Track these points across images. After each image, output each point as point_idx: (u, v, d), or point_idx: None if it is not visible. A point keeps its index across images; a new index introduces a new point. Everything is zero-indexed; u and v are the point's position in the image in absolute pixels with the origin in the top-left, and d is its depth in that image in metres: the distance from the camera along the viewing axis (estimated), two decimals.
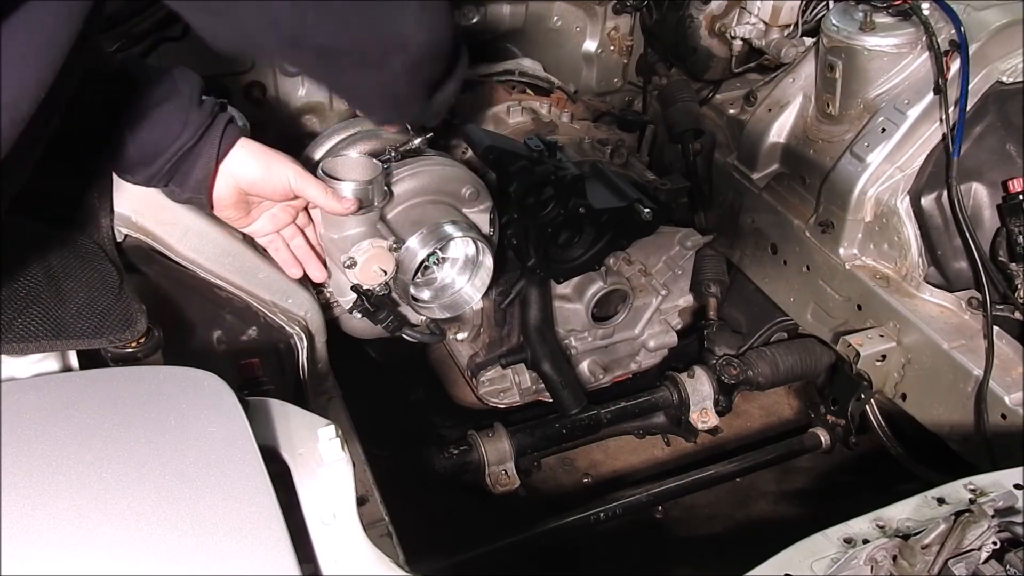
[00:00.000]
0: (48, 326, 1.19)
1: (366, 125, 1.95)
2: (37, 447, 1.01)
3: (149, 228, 1.49)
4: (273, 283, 1.68)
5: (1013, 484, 1.25)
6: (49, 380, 1.19)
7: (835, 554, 1.15)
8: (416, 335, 1.87)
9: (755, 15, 2.50)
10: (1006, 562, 1.13)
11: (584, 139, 2.30)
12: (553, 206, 1.94)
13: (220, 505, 0.98)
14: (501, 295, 2.12)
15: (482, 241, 1.80)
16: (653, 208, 1.98)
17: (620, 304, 2.30)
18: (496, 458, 2.15)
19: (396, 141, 1.83)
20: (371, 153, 1.78)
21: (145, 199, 1.47)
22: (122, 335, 1.27)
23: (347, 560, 1.07)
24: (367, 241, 1.62)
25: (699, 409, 2.35)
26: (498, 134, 2.08)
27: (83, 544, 0.93)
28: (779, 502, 2.46)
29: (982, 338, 1.99)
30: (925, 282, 2.13)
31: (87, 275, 1.30)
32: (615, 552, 2.29)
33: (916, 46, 2.14)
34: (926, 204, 2.10)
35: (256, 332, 1.69)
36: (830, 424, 2.42)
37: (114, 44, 2.14)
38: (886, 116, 2.16)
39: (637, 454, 2.58)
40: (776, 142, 2.44)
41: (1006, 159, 2.07)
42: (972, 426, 1.98)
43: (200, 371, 1.16)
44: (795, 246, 2.36)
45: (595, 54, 2.78)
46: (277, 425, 1.19)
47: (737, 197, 2.55)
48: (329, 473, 1.13)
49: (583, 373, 2.33)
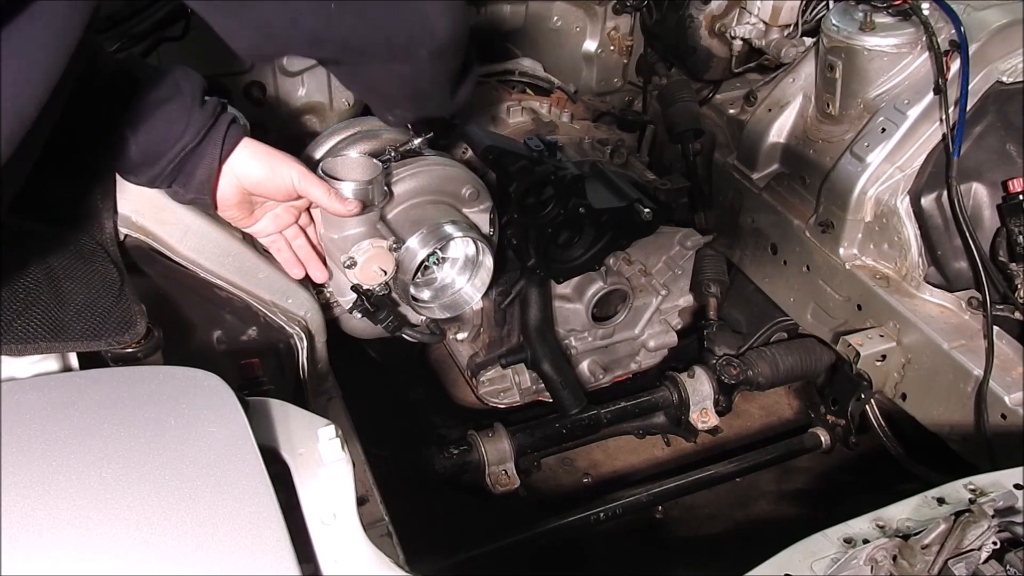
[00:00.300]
0: (47, 327, 1.19)
1: (366, 125, 1.95)
2: (37, 447, 1.01)
3: (149, 228, 1.49)
4: (273, 283, 1.68)
5: (1013, 484, 1.25)
6: (49, 380, 1.19)
7: (835, 554, 1.15)
8: (416, 335, 1.87)
9: (755, 15, 2.50)
10: (1006, 562, 1.14)
11: (584, 139, 2.30)
12: (553, 206, 1.94)
13: (220, 505, 0.98)
14: (501, 295, 2.12)
15: (482, 241, 1.80)
16: (653, 208, 1.98)
17: (620, 304, 2.30)
18: (496, 458, 2.15)
19: (396, 141, 1.83)
20: (371, 153, 1.78)
21: (145, 199, 1.47)
22: (121, 338, 1.26)
23: (347, 560, 1.07)
24: (367, 241, 1.62)
25: (699, 409, 2.35)
26: (498, 134, 2.08)
27: (83, 544, 0.93)
28: (779, 502, 2.46)
29: (982, 338, 1.99)
30: (925, 282, 2.13)
31: (87, 276, 1.30)
32: (615, 552, 2.30)
33: (916, 46, 2.14)
34: (926, 204, 2.10)
35: (256, 332, 1.69)
36: (830, 424, 2.42)
37: (114, 44, 2.15)
38: (886, 116, 2.16)
39: (637, 454, 2.58)
40: (776, 142, 2.45)
41: (1006, 159, 2.07)
42: (972, 426, 1.98)
43: (200, 371, 1.16)
44: (795, 246, 2.36)
45: (595, 54, 2.78)
46: (277, 425, 1.19)
47: (737, 197, 2.55)
48: (329, 473, 1.13)
49: (583, 373, 2.33)
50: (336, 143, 1.91)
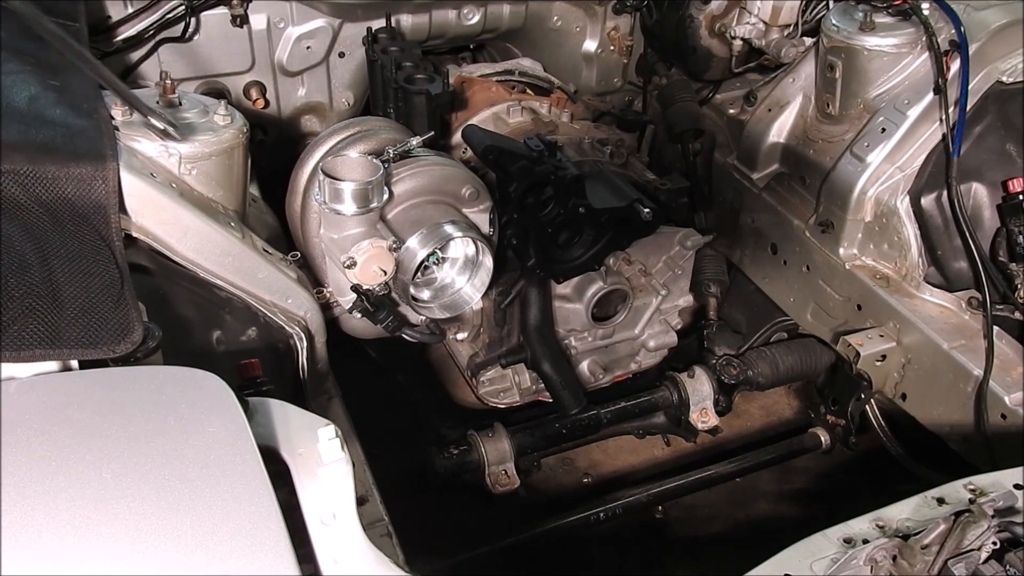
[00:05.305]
0: (43, 334, 1.18)
1: (366, 125, 1.95)
2: (37, 447, 1.01)
3: (149, 228, 1.49)
4: (273, 283, 1.68)
5: (1013, 484, 1.25)
6: (49, 380, 1.19)
7: (835, 554, 1.15)
8: (416, 335, 1.87)
9: (755, 15, 2.51)
10: (1006, 562, 1.13)
11: (584, 139, 2.30)
12: (553, 206, 1.94)
13: (220, 505, 0.98)
14: (501, 295, 2.12)
15: (482, 241, 1.80)
16: (653, 208, 1.98)
17: (620, 304, 2.30)
18: (496, 458, 2.15)
19: (395, 141, 1.83)
20: (371, 153, 1.78)
21: (145, 199, 1.47)
22: (116, 347, 1.25)
23: (347, 560, 1.07)
24: (367, 241, 1.62)
25: (699, 409, 2.35)
26: (498, 134, 2.08)
27: (83, 544, 0.93)
28: (779, 502, 2.46)
29: (982, 338, 1.99)
30: (925, 282, 2.13)
31: (87, 278, 1.29)
32: (615, 552, 2.29)
33: (916, 46, 2.14)
34: (926, 204, 2.10)
35: (256, 332, 1.69)
36: (830, 424, 2.42)
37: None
38: (886, 116, 2.16)
39: (637, 454, 2.58)
40: (776, 142, 2.45)
41: (1006, 159, 2.07)
42: (972, 426, 1.98)
43: (200, 371, 1.16)
44: (795, 246, 2.36)
45: (595, 54, 2.79)
46: (277, 425, 1.19)
47: (737, 197, 2.55)
48: (329, 473, 1.13)
49: (583, 373, 2.33)
50: (336, 143, 1.91)
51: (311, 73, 2.46)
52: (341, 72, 2.51)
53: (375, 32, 2.27)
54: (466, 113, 2.28)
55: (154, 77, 2.19)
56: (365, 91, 2.54)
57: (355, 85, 2.54)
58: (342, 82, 2.52)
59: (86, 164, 1.36)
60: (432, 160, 1.80)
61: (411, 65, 2.09)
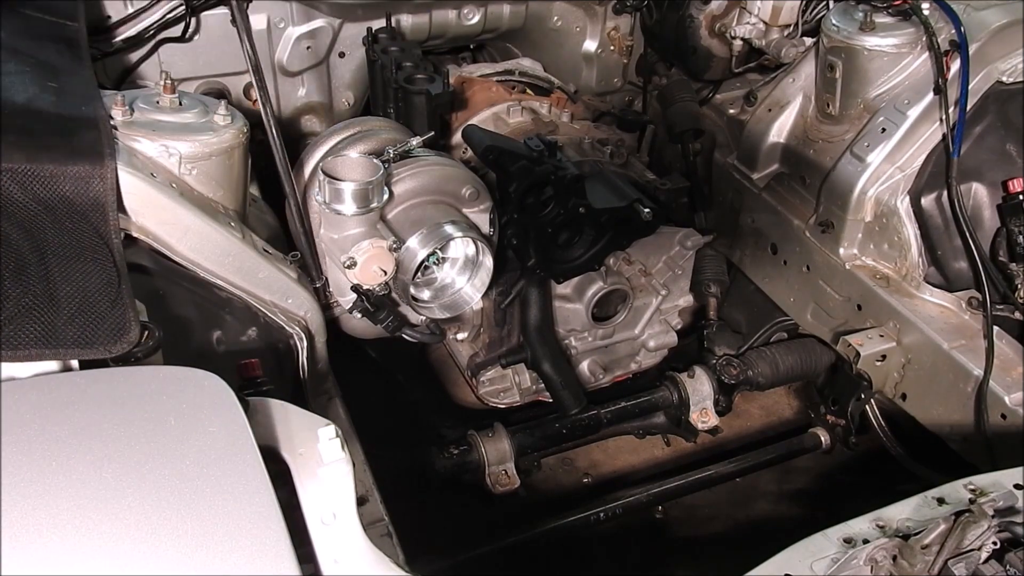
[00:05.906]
0: (39, 334, 1.18)
1: (366, 125, 1.95)
2: (37, 447, 1.01)
3: (149, 228, 1.49)
4: (273, 283, 1.68)
5: (1013, 484, 1.25)
6: (49, 380, 1.19)
7: (835, 554, 1.15)
8: (416, 335, 1.87)
9: (755, 15, 2.51)
10: (1006, 562, 1.14)
11: (584, 139, 2.30)
12: (553, 206, 1.94)
13: (220, 505, 0.98)
14: (501, 295, 2.12)
15: (482, 241, 1.80)
16: (653, 208, 1.98)
17: (620, 304, 2.30)
18: (496, 458, 2.15)
19: (395, 141, 1.83)
20: (371, 153, 1.78)
21: (145, 199, 1.47)
22: (113, 347, 1.25)
23: (347, 560, 1.07)
24: (367, 241, 1.62)
25: (699, 409, 2.35)
26: (498, 134, 2.08)
27: (83, 544, 0.93)
28: (779, 502, 2.46)
29: (982, 338, 1.99)
30: (925, 282, 2.13)
31: (84, 278, 1.29)
32: (615, 552, 2.29)
33: (916, 46, 2.14)
34: (926, 204, 2.10)
35: (256, 332, 1.69)
36: (830, 424, 2.42)
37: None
38: (886, 116, 2.16)
39: (637, 454, 2.58)
40: (776, 142, 2.45)
41: (1006, 159, 2.07)
42: (972, 426, 1.98)
43: (200, 371, 1.16)
44: (795, 246, 2.36)
45: (595, 54, 2.79)
46: (277, 425, 1.19)
47: (737, 197, 2.55)
48: (329, 473, 1.13)
49: (583, 373, 2.33)
50: (336, 143, 1.91)
51: (311, 73, 2.46)
52: (341, 72, 2.51)
53: (375, 32, 2.27)
54: (466, 113, 2.28)
55: (154, 77, 2.19)
56: (365, 91, 2.54)
57: (355, 85, 2.54)
58: (342, 82, 2.52)
59: (84, 162, 1.35)
60: (432, 160, 1.80)
61: (411, 65, 2.09)
